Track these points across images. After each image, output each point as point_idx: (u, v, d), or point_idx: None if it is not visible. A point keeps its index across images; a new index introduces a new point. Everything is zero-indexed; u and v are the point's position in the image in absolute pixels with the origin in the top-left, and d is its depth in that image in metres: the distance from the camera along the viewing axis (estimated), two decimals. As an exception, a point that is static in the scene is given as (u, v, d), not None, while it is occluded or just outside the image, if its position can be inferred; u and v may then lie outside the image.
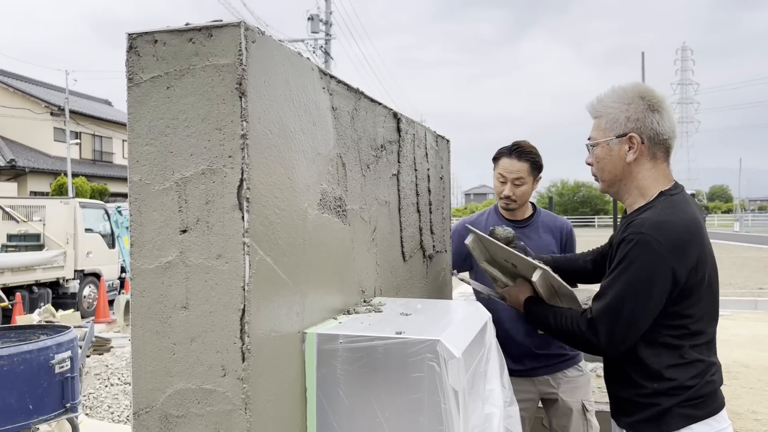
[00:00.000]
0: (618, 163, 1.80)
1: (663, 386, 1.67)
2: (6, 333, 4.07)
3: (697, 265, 1.65)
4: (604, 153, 1.82)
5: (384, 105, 1.82)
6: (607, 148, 1.81)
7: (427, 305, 1.63)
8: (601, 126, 1.83)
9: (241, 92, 1.04)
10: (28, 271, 10.82)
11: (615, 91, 1.82)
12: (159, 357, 1.09)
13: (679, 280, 1.62)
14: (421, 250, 2.19)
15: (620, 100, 1.79)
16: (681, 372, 1.66)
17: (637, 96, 1.77)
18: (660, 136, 1.75)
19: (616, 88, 1.82)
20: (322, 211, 1.36)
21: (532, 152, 2.61)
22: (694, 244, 1.66)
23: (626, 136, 1.77)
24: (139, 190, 1.10)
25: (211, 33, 1.06)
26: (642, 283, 1.63)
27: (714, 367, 1.72)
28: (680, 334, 1.67)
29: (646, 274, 1.63)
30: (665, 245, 1.61)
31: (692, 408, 1.66)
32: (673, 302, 1.65)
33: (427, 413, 1.19)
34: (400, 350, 1.21)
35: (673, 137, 1.78)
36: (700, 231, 1.70)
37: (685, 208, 1.71)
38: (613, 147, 1.80)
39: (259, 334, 1.08)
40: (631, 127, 1.76)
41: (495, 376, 1.52)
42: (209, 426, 1.07)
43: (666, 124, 1.76)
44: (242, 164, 1.05)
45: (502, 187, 2.62)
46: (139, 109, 1.10)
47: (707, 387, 1.68)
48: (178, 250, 1.08)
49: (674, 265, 1.61)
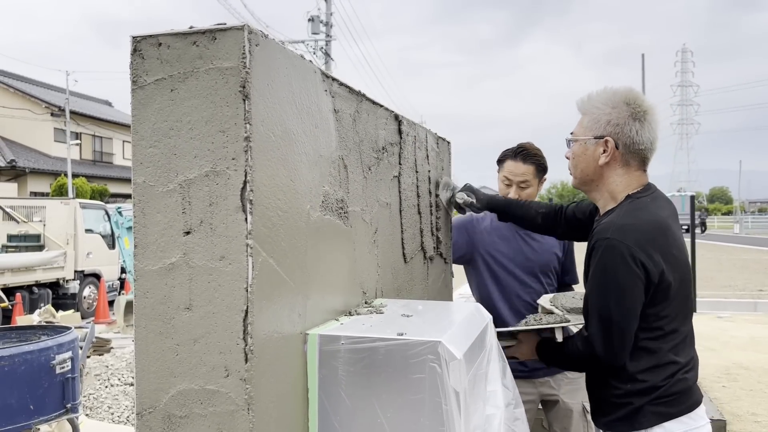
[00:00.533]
0: (590, 164, 1.82)
1: (636, 387, 1.70)
2: (7, 333, 4.08)
3: (666, 264, 1.67)
4: (580, 150, 1.85)
5: (385, 107, 1.83)
6: (584, 147, 1.84)
7: (428, 307, 1.63)
8: (583, 123, 1.86)
9: (244, 95, 1.05)
10: (28, 271, 10.83)
11: (605, 92, 1.83)
12: (162, 358, 1.10)
13: (652, 279, 1.65)
14: (422, 251, 2.19)
15: (606, 103, 1.80)
16: (654, 374, 1.70)
17: (623, 101, 1.78)
18: (636, 145, 1.77)
19: (608, 89, 1.84)
20: (324, 213, 1.37)
21: (537, 154, 2.60)
22: (659, 243, 1.68)
23: (602, 138, 1.79)
24: (143, 192, 1.11)
25: (215, 36, 1.07)
26: (620, 287, 1.66)
27: (689, 364, 1.75)
28: (657, 336, 1.70)
29: (622, 278, 1.65)
30: (632, 247, 1.64)
31: (664, 406, 1.69)
32: (648, 304, 1.68)
33: (428, 414, 1.20)
34: (402, 351, 1.21)
35: (650, 149, 1.79)
36: (665, 230, 1.71)
37: (651, 209, 1.73)
38: (589, 146, 1.82)
39: (262, 335, 1.09)
40: (609, 131, 1.78)
41: (496, 378, 1.53)
42: (212, 426, 1.08)
43: (646, 134, 1.77)
44: (246, 166, 1.05)
45: (507, 190, 2.60)
46: (143, 112, 1.11)
47: (679, 385, 1.71)
48: (181, 251, 1.09)
49: (645, 264, 1.64)
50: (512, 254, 2.62)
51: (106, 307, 11.01)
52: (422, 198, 2.20)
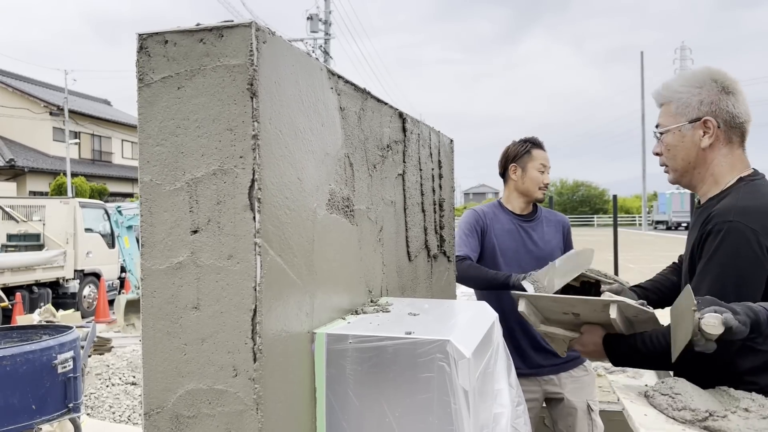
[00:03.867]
0: (692, 150, 1.69)
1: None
2: (8, 333, 4.07)
3: None
4: (675, 140, 1.72)
5: (390, 105, 1.82)
6: (679, 135, 1.70)
7: (434, 305, 1.63)
8: (670, 111, 1.72)
9: (252, 93, 1.04)
10: (28, 270, 10.82)
11: (683, 76, 1.72)
12: (170, 357, 1.09)
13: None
14: (425, 249, 2.19)
15: (690, 84, 1.69)
16: (763, 376, 1.54)
17: (709, 78, 1.68)
18: (736, 119, 1.67)
19: (685, 72, 1.74)
20: (330, 212, 1.36)
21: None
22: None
23: (700, 120, 1.67)
24: (149, 191, 1.10)
25: (222, 33, 1.06)
26: (742, 275, 1.51)
27: None
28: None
29: (746, 265, 1.50)
30: (759, 231, 1.50)
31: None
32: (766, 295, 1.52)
33: (437, 413, 1.19)
34: (410, 350, 1.21)
35: (749, 120, 1.70)
36: None
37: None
38: (685, 133, 1.69)
39: (270, 334, 1.08)
40: (705, 110, 1.66)
41: (503, 376, 1.52)
42: (220, 426, 1.07)
43: (741, 106, 1.68)
44: (254, 165, 1.05)
45: (542, 177, 2.78)
46: (150, 110, 1.10)
47: None
48: (189, 250, 1.08)
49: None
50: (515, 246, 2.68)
51: (106, 306, 11.01)
52: (426, 196, 2.19)
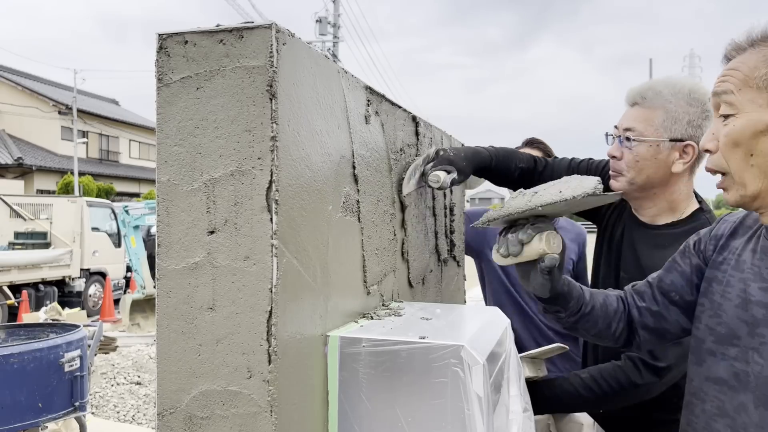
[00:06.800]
0: (660, 170, 1.53)
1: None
2: (16, 331, 4.08)
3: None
4: (649, 153, 1.54)
5: (404, 108, 1.82)
6: (655, 150, 1.53)
7: (446, 310, 1.62)
8: (655, 121, 1.54)
9: (271, 94, 1.04)
10: (34, 269, 10.86)
11: (672, 84, 1.54)
12: (184, 358, 1.09)
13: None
14: (436, 254, 2.18)
15: (681, 97, 1.52)
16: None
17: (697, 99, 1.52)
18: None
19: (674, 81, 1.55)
20: (344, 214, 1.36)
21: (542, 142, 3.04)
22: None
23: (683, 142, 1.51)
24: (167, 191, 1.10)
25: (242, 34, 1.06)
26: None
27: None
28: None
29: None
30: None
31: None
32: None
33: (451, 419, 1.18)
34: (424, 355, 1.20)
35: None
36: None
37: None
38: (662, 150, 1.52)
39: (285, 336, 1.08)
40: (690, 133, 1.50)
41: (514, 382, 1.51)
42: (234, 428, 1.07)
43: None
44: (272, 166, 1.04)
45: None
46: (168, 110, 1.10)
47: None
48: (205, 251, 1.08)
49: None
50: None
51: (112, 305, 11.03)
52: (437, 200, 2.19)
